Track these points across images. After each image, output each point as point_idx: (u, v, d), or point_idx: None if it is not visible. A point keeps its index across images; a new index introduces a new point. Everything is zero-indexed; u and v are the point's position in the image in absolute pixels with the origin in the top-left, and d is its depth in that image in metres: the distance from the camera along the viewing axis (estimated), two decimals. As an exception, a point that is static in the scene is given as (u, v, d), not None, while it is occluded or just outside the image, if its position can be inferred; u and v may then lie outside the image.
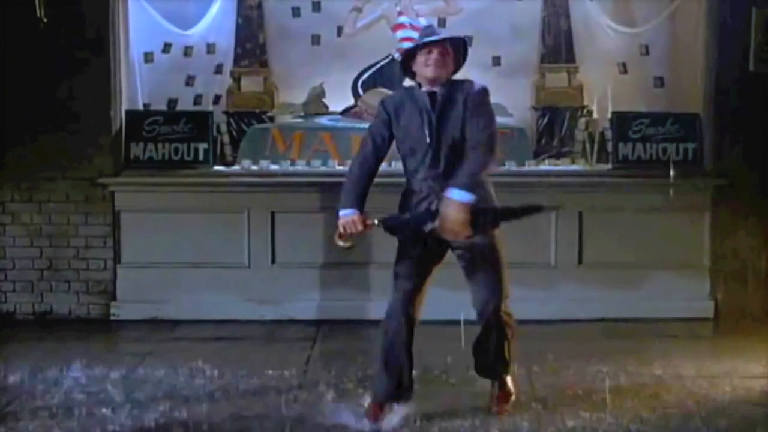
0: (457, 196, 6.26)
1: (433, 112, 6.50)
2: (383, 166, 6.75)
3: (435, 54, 6.49)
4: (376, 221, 6.50)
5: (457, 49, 6.65)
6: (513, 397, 6.95)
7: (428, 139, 6.48)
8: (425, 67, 6.51)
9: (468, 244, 6.49)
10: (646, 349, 8.28)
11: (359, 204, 6.51)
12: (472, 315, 6.73)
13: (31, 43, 9.34)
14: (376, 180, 6.66)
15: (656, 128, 9.63)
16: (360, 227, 6.46)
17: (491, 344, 6.80)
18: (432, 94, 6.53)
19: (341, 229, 6.48)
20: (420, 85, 6.61)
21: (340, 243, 6.54)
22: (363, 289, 9.37)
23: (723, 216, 9.52)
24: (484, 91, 6.54)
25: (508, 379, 7.00)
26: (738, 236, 9.46)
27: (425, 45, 6.52)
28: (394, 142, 6.67)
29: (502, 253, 6.66)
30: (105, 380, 7.49)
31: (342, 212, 6.50)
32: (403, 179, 6.71)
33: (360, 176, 6.58)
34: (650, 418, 6.65)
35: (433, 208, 6.44)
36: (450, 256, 6.68)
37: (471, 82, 6.59)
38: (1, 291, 9.62)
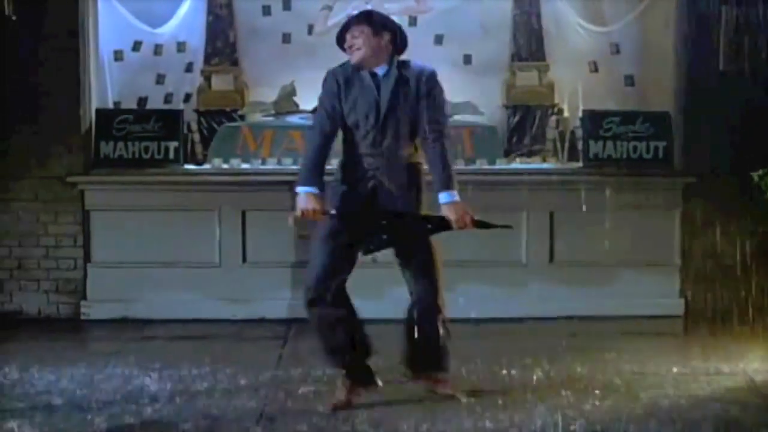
0: (448, 198, 6.53)
1: (377, 92, 6.58)
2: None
3: (349, 39, 6.64)
4: (333, 212, 6.56)
5: (380, 27, 6.67)
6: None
7: (374, 118, 6.57)
8: (349, 54, 6.66)
9: (407, 249, 6.71)
10: (617, 347, 8.29)
11: (319, 182, 6.56)
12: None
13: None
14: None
15: (627, 127, 9.66)
16: (320, 217, 6.54)
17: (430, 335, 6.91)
18: (373, 75, 6.62)
19: (299, 214, 6.52)
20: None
21: (294, 226, 6.74)
22: (334, 288, 9.35)
23: (693, 214, 9.55)
24: (435, 74, 6.68)
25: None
26: (708, 234, 9.48)
27: (342, 32, 6.68)
28: None
29: (437, 255, 6.81)
30: (74, 380, 7.45)
31: (301, 189, 6.56)
32: None
33: (317, 152, 6.63)
34: (619, 416, 6.65)
35: (369, 176, 6.60)
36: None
37: (421, 65, 6.71)
38: (-30, 291, 9.59)
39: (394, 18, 10.32)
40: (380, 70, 6.63)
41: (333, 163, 6.96)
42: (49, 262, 9.58)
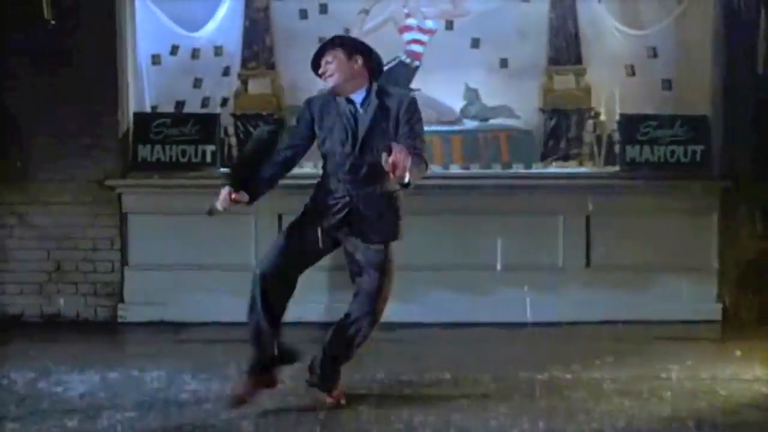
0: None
1: (354, 119, 6.59)
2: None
3: (323, 65, 6.68)
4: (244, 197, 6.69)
5: (352, 50, 6.70)
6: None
7: (350, 146, 6.56)
8: (325, 79, 6.70)
9: (363, 250, 6.69)
10: (653, 352, 8.27)
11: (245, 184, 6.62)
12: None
13: (38, 45, 9.36)
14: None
15: (664, 130, 9.64)
16: (228, 201, 6.69)
17: (347, 346, 6.94)
18: (350, 101, 6.62)
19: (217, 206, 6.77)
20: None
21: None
22: (370, 292, 9.35)
23: (731, 218, 9.51)
24: (415, 102, 6.65)
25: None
26: (746, 238, 9.44)
27: (316, 59, 6.73)
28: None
29: (393, 265, 6.76)
30: (111, 382, 7.49)
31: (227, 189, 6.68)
32: None
33: (268, 163, 6.65)
34: (655, 421, 6.62)
35: (345, 202, 6.63)
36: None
37: (401, 92, 6.76)
38: (8, 293, 9.66)
39: (431, 22, 10.46)
40: (357, 97, 6.64)
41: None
42: (86, 265, 9.64)
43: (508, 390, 7.24)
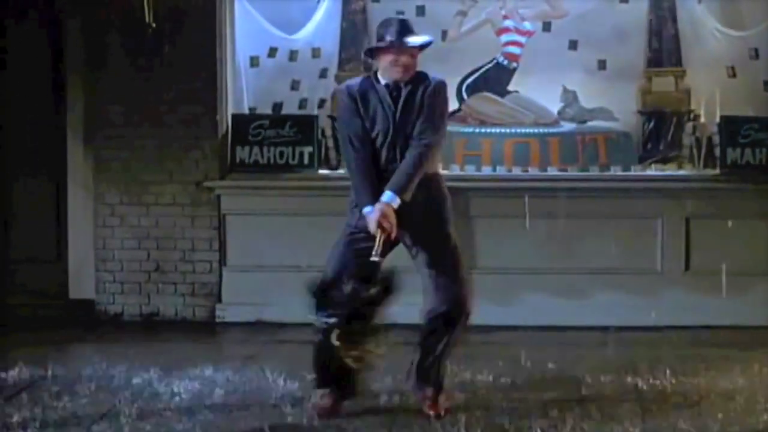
0: (385, 198, 6.38)
1: (393, 106, 6.50)
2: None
3: (404, 59, 6.50)
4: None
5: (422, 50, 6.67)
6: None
7: (389, 134, 6.49)
8: (393, 67, 6.51)
9: (421, 240, 6.64)
10: (753, 358, 8.15)
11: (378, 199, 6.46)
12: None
13: (139, 47, 9.48)
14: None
15: (766, 133, 9.50)
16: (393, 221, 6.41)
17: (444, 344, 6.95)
18: (392, 90, 6.52)
19: (376, 231, 6.44)
20: (378, 77, 6.61)
21: (376, 258, 6.55)
22: (466, 294, 9.35)
23: (834, 222, 9.37)
24: (440, 87, 6.59)
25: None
26: None
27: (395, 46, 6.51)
28: None
29: (457, 245, 6.73)
30: (210, 382, 7.56)
31: (367, 209, 6.46)
32: None
33: (366, 170, 6.51)
34: (754, 428, 6.53)
35: None
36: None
37: (430, 78, 6.60)
38: (108, 292, 9.80)
39: (529, 24, 10.43)
40: (401, 85, 6.56)
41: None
42: (185, 265, 9.75)
43: (608, 394, 7.19)
